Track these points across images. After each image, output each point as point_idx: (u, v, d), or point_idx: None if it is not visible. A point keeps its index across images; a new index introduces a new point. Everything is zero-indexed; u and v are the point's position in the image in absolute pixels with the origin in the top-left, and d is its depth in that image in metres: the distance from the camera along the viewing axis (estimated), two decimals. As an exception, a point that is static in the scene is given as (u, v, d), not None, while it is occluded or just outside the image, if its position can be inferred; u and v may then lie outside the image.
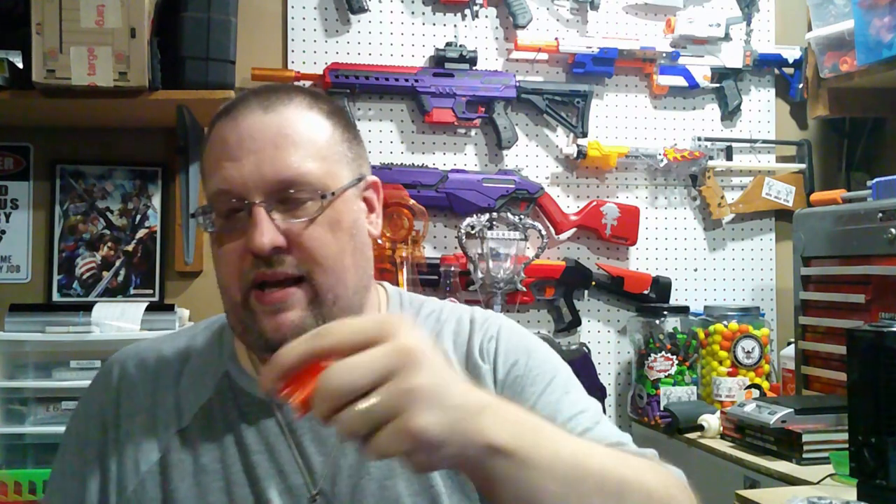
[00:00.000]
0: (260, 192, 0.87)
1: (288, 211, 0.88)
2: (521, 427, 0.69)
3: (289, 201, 0.88)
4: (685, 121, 2.50)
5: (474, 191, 2.28)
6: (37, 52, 1.81)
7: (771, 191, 2.48)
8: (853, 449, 1.34)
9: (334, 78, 2.21)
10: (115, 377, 1.00)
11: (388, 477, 0.90)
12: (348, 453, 0.92)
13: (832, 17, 2.21)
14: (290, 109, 0.91)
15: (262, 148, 0.88)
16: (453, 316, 1.02)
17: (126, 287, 2.21)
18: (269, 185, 0.87)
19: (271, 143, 0.88)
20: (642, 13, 2.48)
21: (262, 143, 0.88)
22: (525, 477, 0.68)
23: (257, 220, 0.86)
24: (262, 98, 0.92)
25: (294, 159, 0.88)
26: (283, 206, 0.88)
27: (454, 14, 2.37)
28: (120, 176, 2.23)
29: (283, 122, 0.90)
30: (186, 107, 2.02)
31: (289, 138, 0.89)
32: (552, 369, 0.97)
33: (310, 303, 0.88)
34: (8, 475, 1.78)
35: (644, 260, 2.46)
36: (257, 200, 0.87)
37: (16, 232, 2.18)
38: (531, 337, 1.02)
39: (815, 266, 2.02)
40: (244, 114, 0.90)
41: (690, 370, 2.24)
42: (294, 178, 0.88)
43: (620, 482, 0.73)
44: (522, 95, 2.34)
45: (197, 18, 1.95)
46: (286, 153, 0.88)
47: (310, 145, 0.90)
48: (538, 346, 1.00)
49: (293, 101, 0.92)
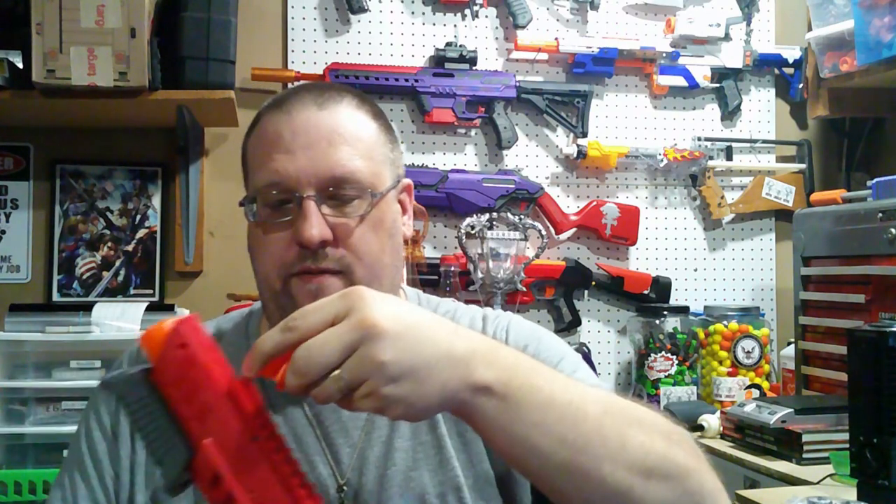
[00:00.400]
0: (312, 186, 0.89)
1: (337, 207, 0.90)
2: (513, 369, 0.71)
3: (337, 198, 0.91)
4: (685, 121, 2.50)
5: (474, 191, 2.28)
6: (37, 52, 1.81)
7: (771, 191, 2.48)
8: (854, 449, 1.34)
9: (334, 78, 2.21)
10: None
11: (414, 468, 0.91)
12: (374, 445, 0.93)
13: (832, 17, 2.21)
14: (342, 107, 0.94)
15: (315, 143, 0.90)
16: (467, 315, 1.05)
17: (126, 287, 2.21)
18: (320, 180, 0.89)
19: (325, 139, 0.91)
20: (642, 13, 2.48)
21: (316, 138, 0.90)
22: (518, 418, 0.70)
23: (308, 213, 0.88)
24: (316, 95, 0.94)
25: (346, 157, 0.91)
26: (333, 201, 0.90)
27: (454, 14, 2.38)
28: (120, 176, 2.23)
29: (336, 120, 0.92)
30: (186, 107, 2.02)
31: (342, 136, 0.91)
32: (561, 352, 1.00)
33: None
34: (8, 475, 1.78)
35: (644, 260, 2.46)
36: (308, 194, 0.89)
37: (16, 232, 2.18)
38: (541, 328, 1.05)
39: (815, 266, 2.02)
40: (298, 108, 0.92)
41: (690, 370, 2.24)
42: (345, 176, 0.90)
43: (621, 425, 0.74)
44: (522, 95, 2.34)
45: (197, 18, 1.95)
46: (339, 150, 0.91)
47: (360, 144, 0.92)
48: (547, 334, 1.03)
49: (344, 100, 0.95)
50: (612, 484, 0.72)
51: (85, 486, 0.94)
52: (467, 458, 0.93)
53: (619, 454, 0.72)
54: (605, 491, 0.72)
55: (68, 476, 0.96)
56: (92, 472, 0.95)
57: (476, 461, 0.93)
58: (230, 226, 2.25)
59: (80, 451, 0.96)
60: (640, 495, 0.72)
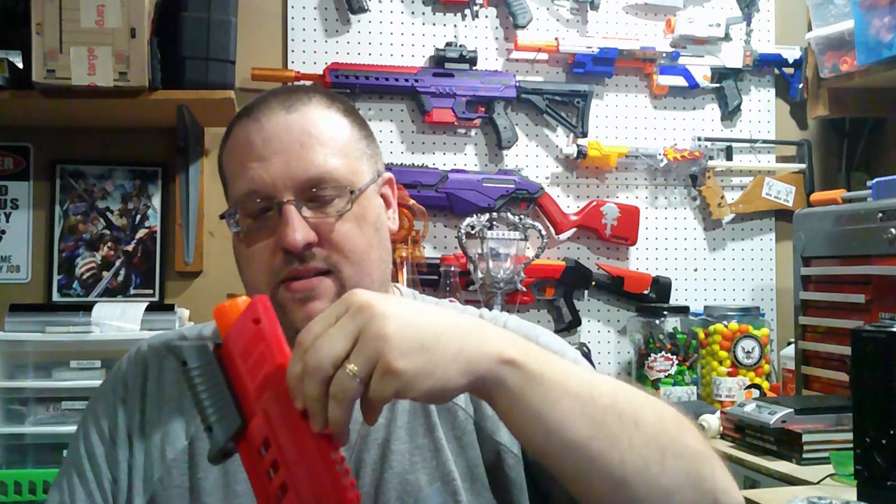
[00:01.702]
0: (289, 190, 0.89)
1: (317, 208, 0.90)
2: (527, 346, 0.72)
3: (317, 199, 0.90)
4: (685, 121, 2.50)
5: (474, 191, 2.28)
6: (37, 52, 1.81)
7: (771, 191, 2.48)
8: (860, 450, 1.33)
9: (334, 78, 2.21)
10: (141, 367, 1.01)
11: (411, 471, 0.91)
12: (371, 447, 0.93)
13: (832, 17, 2.21)
14: (311, 108, 0.93)
15: (288, 147, 0.90)
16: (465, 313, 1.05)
17: (126, 287, 2.21)
18: (297, 183, 0.89)
19: (297, 142, 0.90)
20: (642, 13, 2.48)
21: (287, 142, 0.90)
22: (540, 393, 0.70)
23: (289, 218, 0.88)
24: (283, 98, 0.93)
25: (321, 157, 0.90)
26: (312, 203, 0.90)
27: (454, 14, 2.37)
28: (120, 176, 2.23)
29: (306, 121, 0.92)
30: (186, 107, 2.02)
31: (314, 137, 0.91)
32: (560, 348, 1.00)
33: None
34: (8, 475, 1.78)
35: (644, 260, 2.46)
36: (287, 199, 0.89)
37: (16, 232, 2.18)
38: (538, 326, 1.05)
39: (815, 266, 2.02)
40: (267, 115, 0.92)
41: (690, 370, 2.24)
42: (322, 176, 0.90)
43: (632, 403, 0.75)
44: (522, 95, 2.34)
45: (197, 18, 1.95)
46: (313, 151, 0.90)
47: (333, 143, 0.92)
48: (545, 331, 1.04)
49: (312, 101, 0.94)
50: (629, 462, 0.72)
51: (83, 489, 0.95)
52: (464, 461, 0.92)
53: (633, 432, 0.73)
54: (622, 470, 0.72)
55: (66, 479, 0.96)
56: (90, 475, 0.95)
57: (473, 465, 0.92)
58: (230, 226, 2.25)
59: (79, 454, 0.97)
60: (656, 475, 0.73)
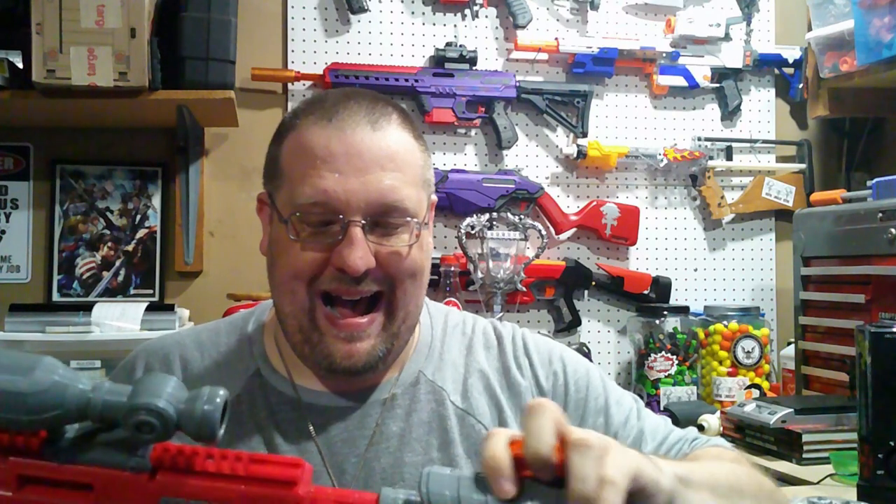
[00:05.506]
0: (361, 211, 0.87)
1: (382, 234, 0.89)
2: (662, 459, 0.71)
3: (383, 225, 0.89)
4: (685, 121, 2.50)
5: (474, 191, 2.28)
6: (37, 52, 1.81)
7: (771, 191, 2.48)
8: (865, 452, 1.33)
9: (334, 78, 2.21)
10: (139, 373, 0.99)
11: None
12: (382, 456, 0.92)
13: (832, 17, 2.21)
14: (393, 128, 0.91)
15: (369, 167, 0.88)
16: (478, 328, 1.05)
17: (126, 287, 2.21)
18: (370, 206, 0.88)
19: (379, 165, 0.88)
20: (642, 13, 2.48)
21: (370, 162, 0.88)
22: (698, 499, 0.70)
23: (354, 240, 0.86)
24: (368, 110, 0.91)
25: (398, 185, 0.89)
26: (379, 229, 0.89)
27: (454, 14, 2.37)
28: (120, 176, 2.23)
29: (388, 143, 0.90)
30: (186, 107, 2.02)
31: (394, 162, 0.89)
32: (585, 371, 1.02)
33: (383, 328, 0.90)
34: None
35: (644, 260, 2.46)
36: (355, 219, 0.87)
37: (16, 232, 2.18)
38: (553, 343, 1.05)
39: (815, 266, 2.02)
40: (352, 126, 0.89)
41: (690, 370, 2.24)
42: (395, 205, 0.89)
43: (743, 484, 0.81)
44: (522, 95, 2.33)
45: (197, 18, 1.95)
46: (391, 177, 0.89)
47: (409, 171, 0.91)
48: (564, 351, 1.04)
49: (393, 119, 0.92)
50: None
51: None
52: None
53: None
54: None
55: None
56: None
57: None
58: (230, 226, 2.25)
59: None
60: None
